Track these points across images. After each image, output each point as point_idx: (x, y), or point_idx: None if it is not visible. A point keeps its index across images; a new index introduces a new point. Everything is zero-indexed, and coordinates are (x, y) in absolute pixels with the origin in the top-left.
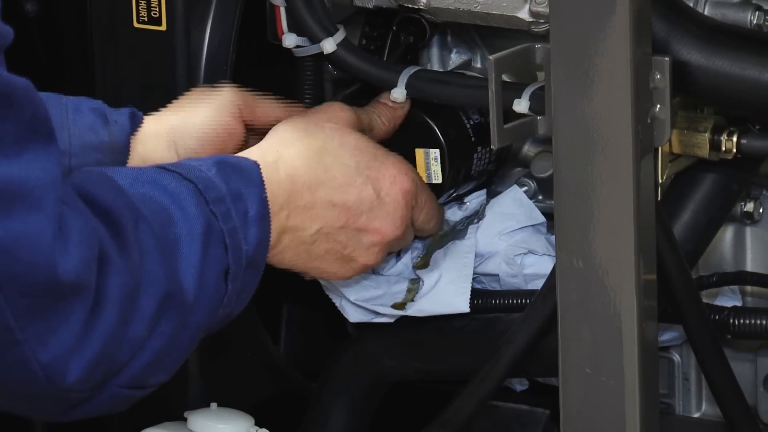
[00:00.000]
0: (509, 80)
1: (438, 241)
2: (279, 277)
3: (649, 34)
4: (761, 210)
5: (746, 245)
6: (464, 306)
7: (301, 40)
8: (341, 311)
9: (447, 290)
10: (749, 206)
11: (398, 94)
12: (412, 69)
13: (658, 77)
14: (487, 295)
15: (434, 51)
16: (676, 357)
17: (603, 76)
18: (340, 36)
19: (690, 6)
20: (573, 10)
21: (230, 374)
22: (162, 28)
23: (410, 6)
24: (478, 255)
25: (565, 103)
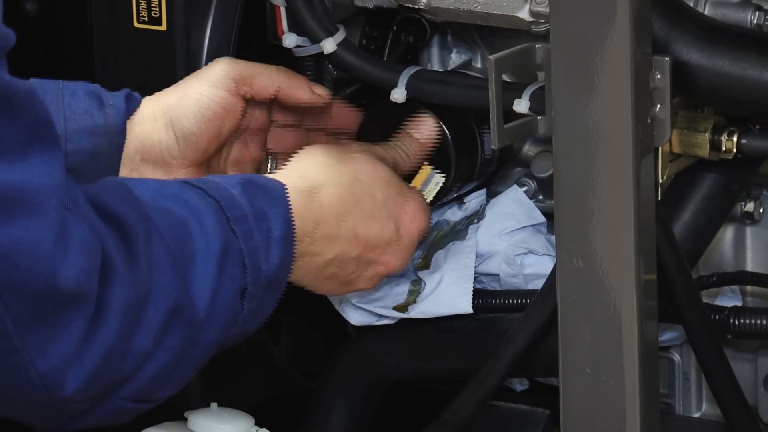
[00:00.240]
0: (509, 80)
1: (438, 242)
2: None
3: (650, 34)
4: (761, 210)
5: (746, 245)
6: (467, 307)
7: (302, 40)
8: (342, 314)
9: (449, 291)
10: (749, 206)
11: (398, 95)
12: (413, 69)
13: (659, 77)
14: (488, 295)
15: (434, 51)
16: (677, 357)
17: (603, 76)
18: (341, 36)
19: (690, 6)
20: (573, 10)
21: (230, 374)
22: (162, 28)
23: (410, 6)
24: (479, 255)
25: (566, 103)
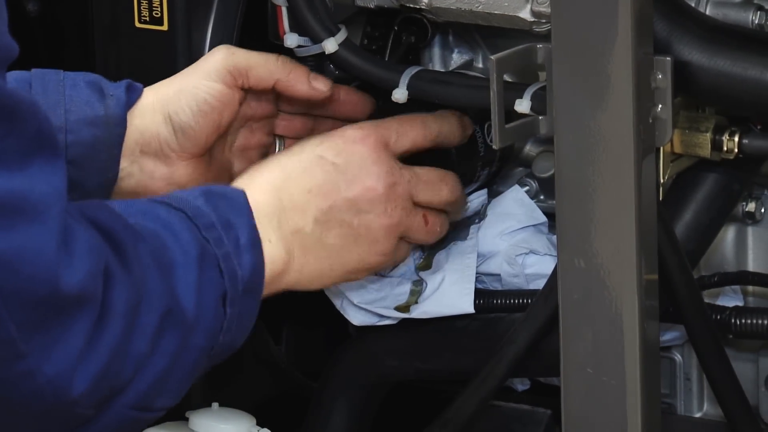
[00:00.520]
0: (511, 80)
1: (440, 242)
2: None
3: (651, 34)
4: (763, 210)
5: (748, 245)
6: (468, 307)
7: (303, 40)
8: (343, 314)
9: (451, 292)
10: (751, 206)
11: (400, 95)
12: (414, 69)
13: (660, 77)
14: (489, 295)
15: (436, 51)
16: (678, 357)
17: (605, 76)
18: (342, 36)
19: (691, 6)
20: (575, 10)
21: (232, 374)
22: (164, 28)
23: (412, 6)
24: (480, 255)
25: (567, 103)
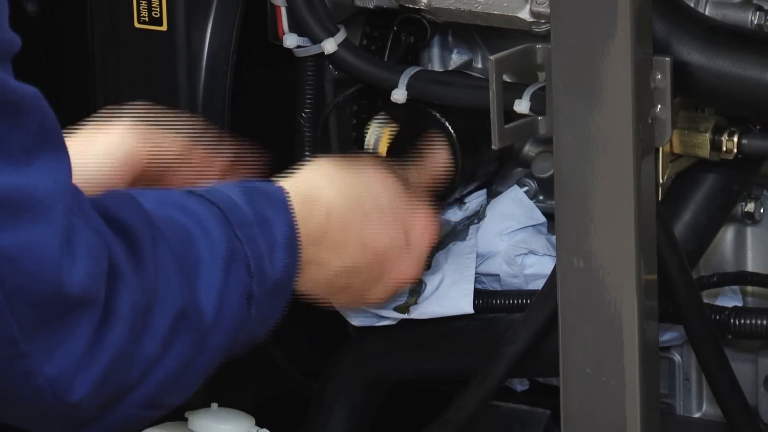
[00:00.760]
0: (510, 80)
1: (439, 243)
2: None
3: (650, 35)
4: (762, 210)
5: (747, 245)
6: (468, 307)
7: (302, 41)
8: (343, 315)
9: (450, 292)
10: (750, 206)
11: (399, 95)
12: (413, 69)
13: (659, 77)
14: (489, 296)
15: (435, 51)
16: (677, 357)
17: (604, 77)
18: (341, 36)
19: (691, 6)
20: (574, 11)
21: (231, 374)
22: (163, 29)
23: (411, 6)
24: (479, 255)
25: (566, 104)
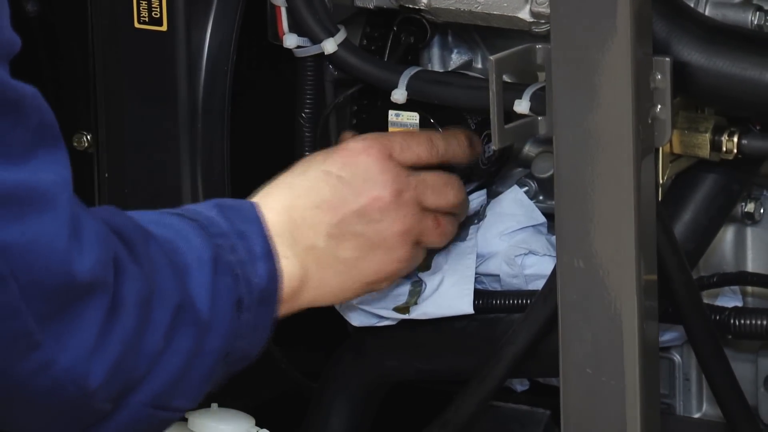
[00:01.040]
0: (510, 80)
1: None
2: None
3: (650, 35)
4: (762, 210)
5: (747, 246)
6: (468, 308)
7: (302, 41)
8: (342, 315)
9: (450, 293)
10: (750, 207)
11: (399, 95)
12: (413, 69)
13: (659, 77)
14: (489, 296)
15: (435, 51)
16: (677, 357)
17: (604, 77)
18: (341, 36)
19: (691, 6)
20: (574, 11)
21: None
22: (163, 29)
23: (411, 6)
24: (479, 255)
25: (566, 104)
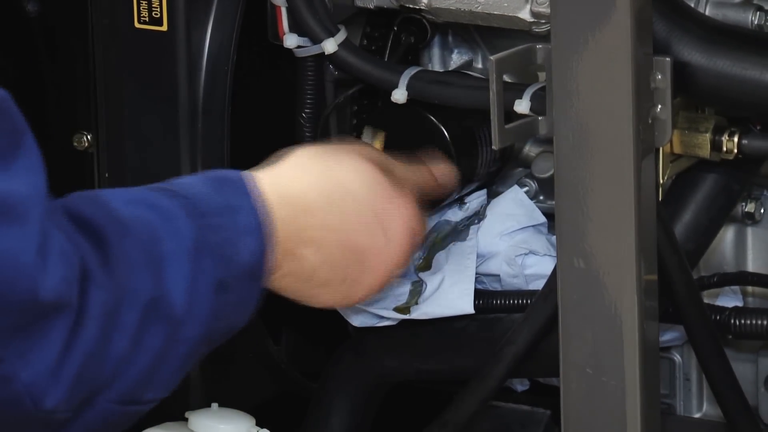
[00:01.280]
0: (510, 80)
1: (439, 243)
2: None
3: (650, 35)
4: (762, 210)
5: (747, 246)
6: (468, 308)
7: (302, 41)
8: (343, 315)
9: (450, 292)
10: (750, 207)
11: (399, 95)
12: (413, 69)
13: (659, 77)
14: (489, 296)
15: (435, 51)
16: (677, 357)
17: (604, 77)
18: (341, 36)
19: (691, 6)
20: (574, 11)
21: (231, 374)
22: (163, 29)
23: (411, 6)
24: (479, 255)
25: (566, 104)
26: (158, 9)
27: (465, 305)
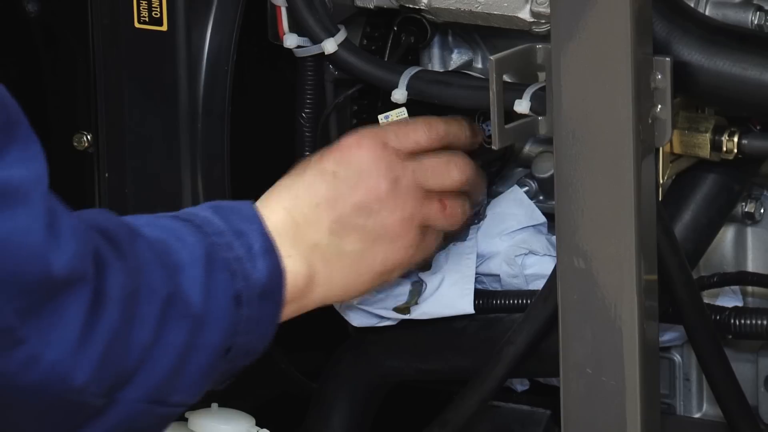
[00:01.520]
0: (510, 80)
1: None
2: None
3: (650, 35)
4: (762, 210)
5: (747, 245)
6: (468, 308)
7: (302, 41)
8: (342, 315)
9: (450, 292)
10: (750, 206)
11: (399, 95)
12: (413, 69)
13: (659, 77)
14: (489, 296)
15: (435, 51)
16: (677, 357)
17: (604, 77)
18: (341, 36)
19: (691, 6)
20: (574, 11)
21: None
22: (163, 29)
23: (411, 6)
24: (479, 255)
25: (566, 104)
26: (158, 9)
27: (465, 305)
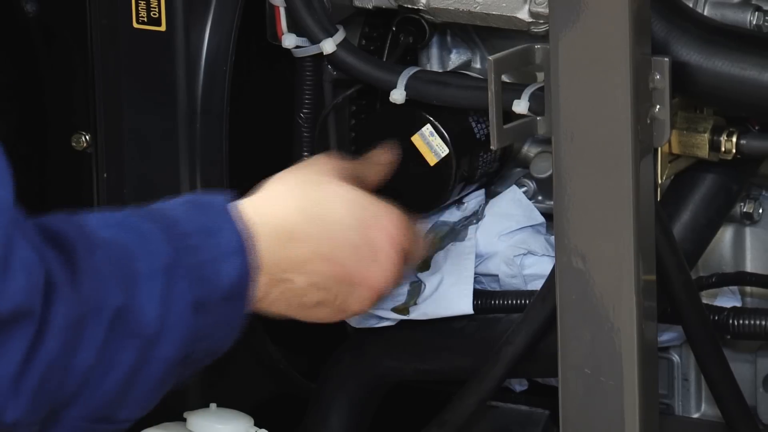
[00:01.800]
0: (509, 81)
1: (438, 243)
2: None
3: (649, 35)
4: (761, 210)
5: (746, 246)
6: (467, 308)
7: (301, 41)
8: None
9: (449, 293)
10: (749, 207)
11: (397, 95)
12: (412, 70)
13: (658, 78)
14: (488, 296)
15: (434, 51)
16: (676, 357)
17: (602, 77)
18: (340, 36)
19: (689, 6)
20: (573, 11)
21: (229, 374)
22: (161, 29)
23: (410, 6)
24: (478, 255)
25: (565, 104)
26: (157, 9)
27: (464, 305)
